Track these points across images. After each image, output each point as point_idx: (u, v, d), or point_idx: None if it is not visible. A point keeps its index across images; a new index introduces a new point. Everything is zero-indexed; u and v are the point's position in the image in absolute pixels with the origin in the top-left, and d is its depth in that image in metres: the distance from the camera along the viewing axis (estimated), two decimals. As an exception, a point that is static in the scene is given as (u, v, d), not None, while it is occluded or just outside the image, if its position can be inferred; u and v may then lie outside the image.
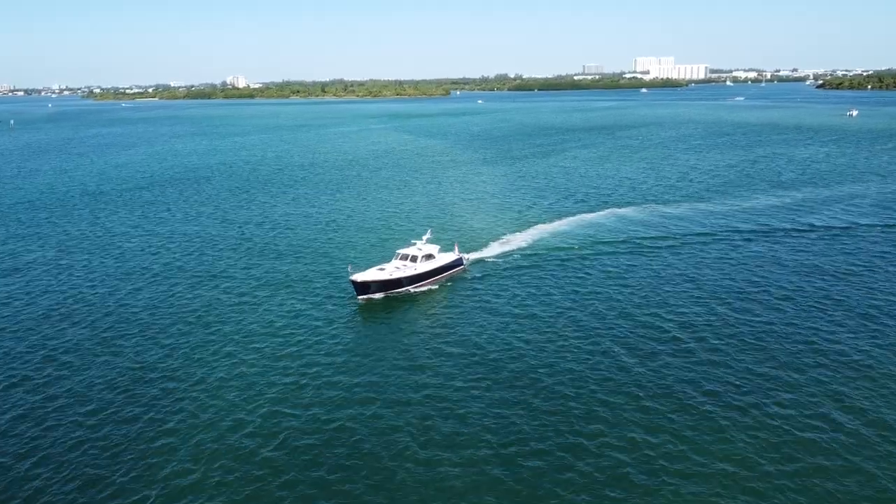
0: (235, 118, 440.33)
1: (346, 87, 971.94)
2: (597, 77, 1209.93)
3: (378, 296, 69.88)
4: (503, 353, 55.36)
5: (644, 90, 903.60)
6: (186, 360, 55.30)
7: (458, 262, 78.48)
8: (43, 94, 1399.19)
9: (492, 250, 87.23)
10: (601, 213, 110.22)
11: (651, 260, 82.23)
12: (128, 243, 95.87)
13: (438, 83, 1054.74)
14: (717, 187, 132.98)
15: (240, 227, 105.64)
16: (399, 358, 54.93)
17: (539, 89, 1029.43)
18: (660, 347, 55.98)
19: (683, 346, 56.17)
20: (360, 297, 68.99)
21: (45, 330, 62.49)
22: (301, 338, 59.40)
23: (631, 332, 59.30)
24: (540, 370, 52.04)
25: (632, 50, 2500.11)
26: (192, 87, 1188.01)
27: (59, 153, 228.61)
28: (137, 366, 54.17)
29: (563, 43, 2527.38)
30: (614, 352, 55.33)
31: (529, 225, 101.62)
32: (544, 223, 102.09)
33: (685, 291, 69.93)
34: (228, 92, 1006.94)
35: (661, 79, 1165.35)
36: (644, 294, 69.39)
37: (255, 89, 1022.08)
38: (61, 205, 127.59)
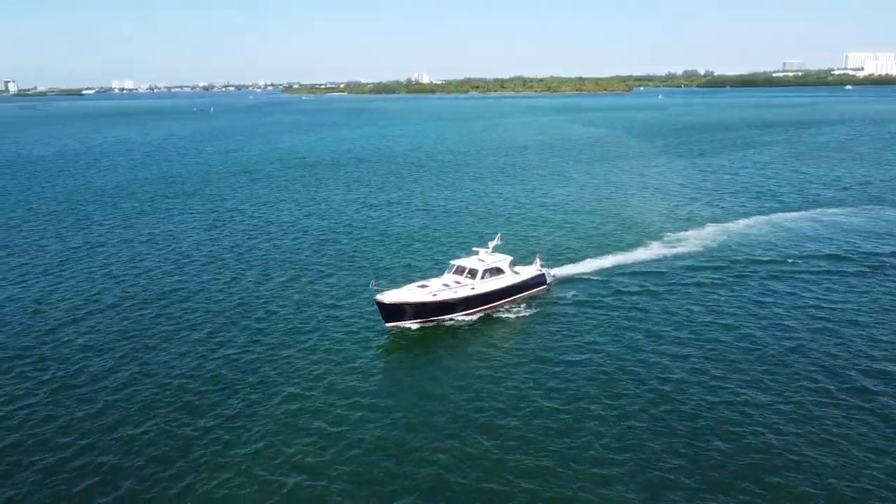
0: (409, 110, 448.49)
1: (524, 82, 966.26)
2: (799, 74, 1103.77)
3: (414, 324, 51.09)
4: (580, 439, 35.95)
5: (848, 87, 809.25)
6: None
7: (537, 280, 59.03)
8: (250, 89, 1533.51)
9: (607, 262, 68.10)
10: (762, 218, 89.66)
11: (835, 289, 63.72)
12: (246, 219, 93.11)
13: (621, 80, 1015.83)
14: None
15: (378, 209, 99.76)
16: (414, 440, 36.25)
17: (731, 86, 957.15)
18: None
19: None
20: (388, 324, 50.60)
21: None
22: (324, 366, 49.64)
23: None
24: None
25: (842, 45, 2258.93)
26: (380, 83, 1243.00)
27: (235, 136, 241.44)
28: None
29: (760, 38, 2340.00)
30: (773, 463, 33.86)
31: (681, 229, 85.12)
32: (698, 227, 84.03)
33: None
34: (411, 87, 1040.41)
35: (879, 75, 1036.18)
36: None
37: (436, 85, 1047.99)
38: (207, 181, 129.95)
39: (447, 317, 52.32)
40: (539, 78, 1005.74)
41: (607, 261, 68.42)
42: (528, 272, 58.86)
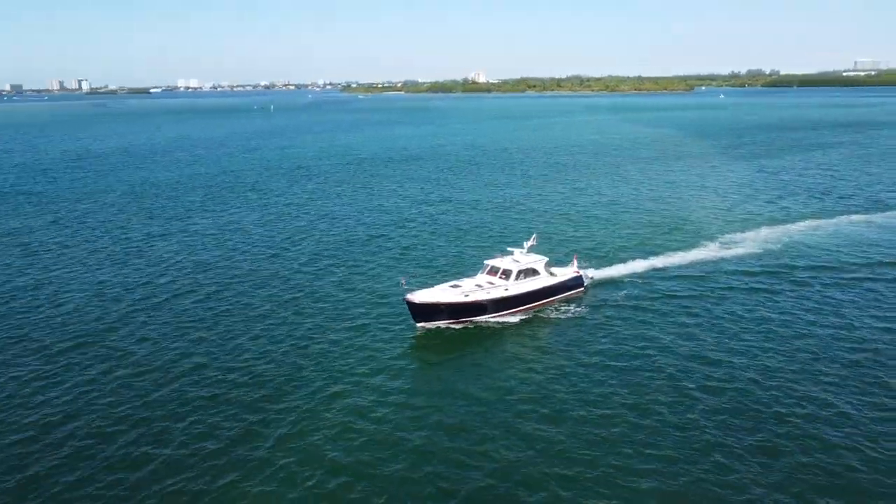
0: (464, 109, 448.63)
1: (581, 82, 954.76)
2: (872, 73, 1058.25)
3: (445, 324, 50.47)
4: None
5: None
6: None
7: (574, 282, 57.48)
8: (310, 87, 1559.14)
9: (656, 263, 66.50)
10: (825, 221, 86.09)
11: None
12: (293, 212, 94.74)
13: (681, 79, 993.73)
14: None
15: (429, 205, 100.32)
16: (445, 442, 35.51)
17: (798, 85, 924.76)
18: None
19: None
20: (418, 323, 50.18)
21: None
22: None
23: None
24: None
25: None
26: (436, 82, 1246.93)
27: (293, 134, 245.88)
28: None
29: (829, 36, 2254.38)
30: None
31: (737, 230, 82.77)
32: (755, 229, 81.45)
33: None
34: (468, 86, 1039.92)
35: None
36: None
37: (492, 84, 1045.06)
38: (263, 178, 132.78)
39: (479, 318, 51.21)
40: (597, 77, 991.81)
41: (656, 262, 66.90)
42: (564, 274, 57.40)
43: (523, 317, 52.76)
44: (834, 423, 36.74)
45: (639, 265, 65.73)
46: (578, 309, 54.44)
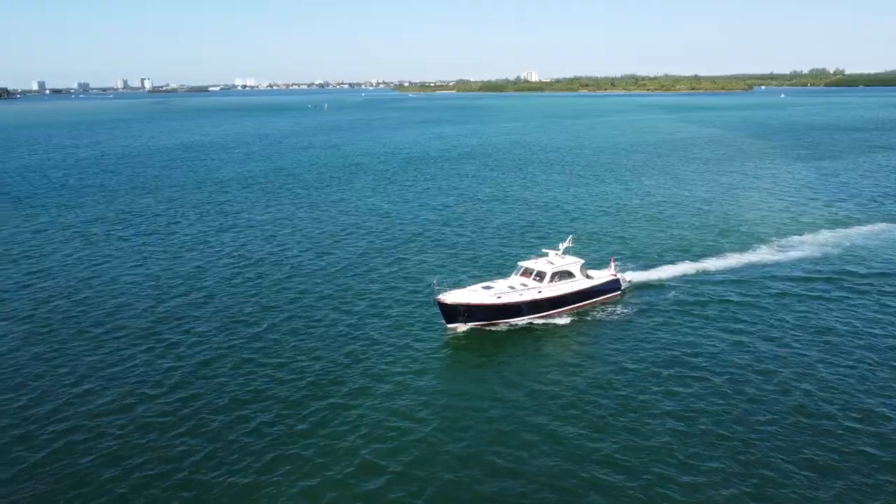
0: (514, 108, 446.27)
1: (636, 81, 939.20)
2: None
3: (476, 326, 49.50)
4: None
5: None
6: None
7: (610, 286, 56.00)
8: (363, 86, 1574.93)
9: (706, 265, 64.91)
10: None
11: None
12: (337, 214, 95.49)
13: (740, 78, 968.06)
14: None
15: (476, 203, 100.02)
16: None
17: (865, 85, 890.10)
18: None
19: None
20: (449, 325, 49.35)
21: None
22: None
23: None
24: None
25: None
26: (488, 81, 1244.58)
27: (344, 131, 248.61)
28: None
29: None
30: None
31: (793, 233, 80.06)
32: (812, 232, 78.82)
33: None
34: (520, 85, 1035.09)
35: None
36: None
37: (544, 83, 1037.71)
38: (314, 175, 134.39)
39: (511, 320, 50.32)
40: (652, 76, 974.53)
41: (705, 265, 65.22)
42: (601, 277, 56.02)
43: (557, 320, 51.52)
44: (893, 442, 35.03)
45: (686, 268, 64.15)
46: (615, 313, 53.08)
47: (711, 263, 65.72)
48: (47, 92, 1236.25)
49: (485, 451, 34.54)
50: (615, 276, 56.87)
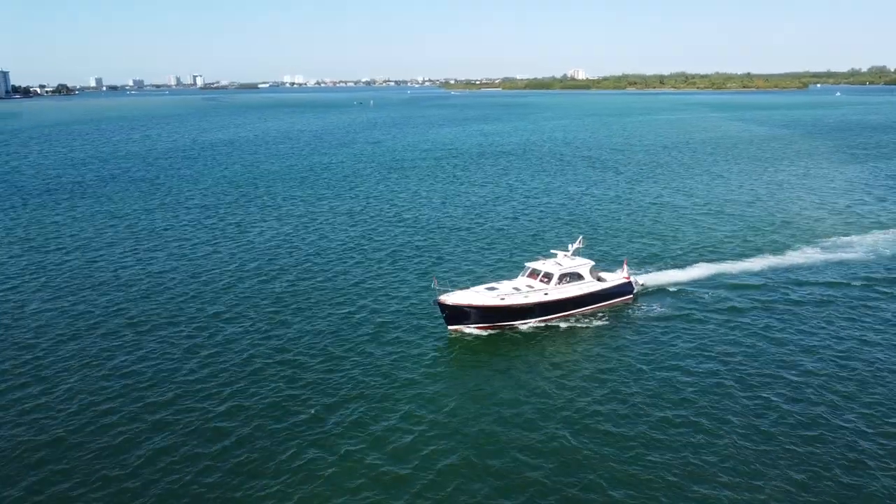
0: (559, 106, 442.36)
1: (686, 79, 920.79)
2: None
3: (478, 329, 47.66)
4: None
5: None
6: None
7: (621, 289, 53.58)
8: (409, 84, 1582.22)
9: (751, 266, 62.79)
10: None
11: None
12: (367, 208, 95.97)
13: (795, 76, 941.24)
14: None
15: (512, 201, 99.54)
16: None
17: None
18: None
19: None
20: (450, 327, 47.61)
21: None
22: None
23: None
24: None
25: None
26: (534, 78, 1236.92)
27: (388, 128, 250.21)
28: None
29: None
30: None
31: (841, 233, 77.54)
32: (862, 233, 76.43)
33: None
34: (566, 83, 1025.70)
35: None
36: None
37: (591, 80, 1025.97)
38: (353, 171, 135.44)
39: (516, 323, 48.48)
40: (702, 74, 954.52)
41: (745, 266, 63.16)
42: (613, 279, 53.72)
43: (563, 324, 49.31)
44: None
45: (713, 270, 61.50)
46: (624, 318, 50.55)
47: (756, 263, 63.84)
48: (104, 89, 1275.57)
49: (480, 459, 32.81)
50: (628, 278, 54.61)
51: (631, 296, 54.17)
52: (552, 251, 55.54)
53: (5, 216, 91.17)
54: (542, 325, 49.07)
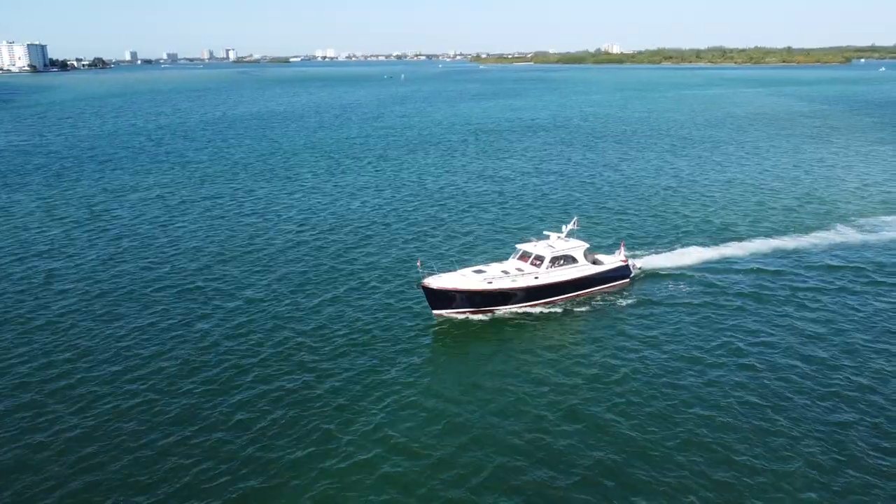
0: (591, 81, 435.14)
1: (723, 53, 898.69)
2: None
3: (463, 315, 46.04)
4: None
5: None
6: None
7: (618, 272, 51.58)
8: (440, 58, 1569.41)
9: (783, 244, 60.97)
10: None
11: None
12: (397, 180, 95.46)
13: (837, 50, 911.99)
14: None
15: (538, 176, 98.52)
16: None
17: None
18: None
19: None
20: (435, 311, 46.23)
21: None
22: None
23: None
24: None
25: None
26: (567, 53, 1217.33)
27: (418, 102, 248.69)
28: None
29: None
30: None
31: (880, 213, 74.90)
32: (891, 214, 73.80)
33: None
34: (599, 57, 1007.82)
35: None
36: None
37: (625, 55, 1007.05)
38: (381, 144, 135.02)
39: (503, 308, 46.87)
40: (740, 48, 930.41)
41: (768, 246, 61.23)
42: (609, 262, 51.86)
43: (555, 309, 47.51)
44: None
45: (734, 251, 59.60)
46: (618, 303, 48.68)
47: (783, 242, 62.16)
48: (139, 62, 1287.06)
49: (449, 455, 31.27)
50: (625, 261, 52.64)
51: (627, 280, 52.29)
52: (545, 232, 53.23)
53: (41, 188, 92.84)
54: (532, 309, 47.24)
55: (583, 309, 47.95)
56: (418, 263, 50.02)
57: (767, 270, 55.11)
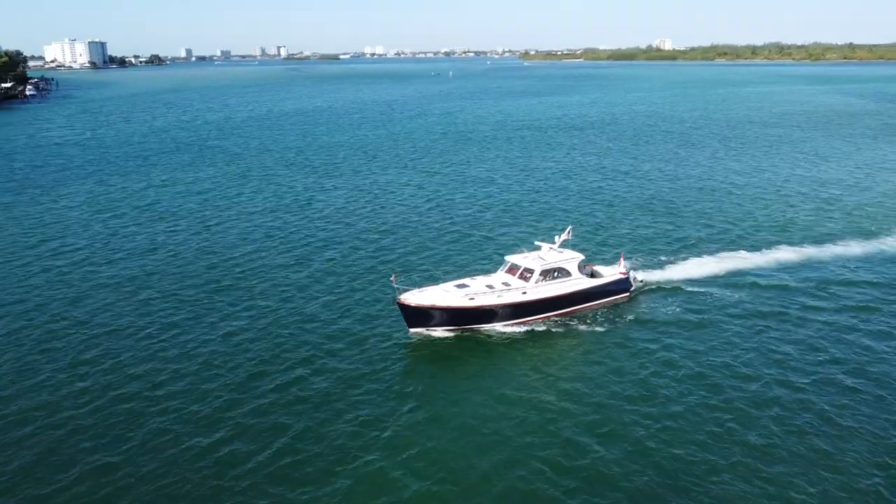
0: (642, 77, 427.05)
1: (780, 49, 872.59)
2: None
3: (443, 332, 42.24)
4: None
5: None
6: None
7: (616, 286, 47.50)
8: (488, 55, 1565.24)
9: (820, 254, 56.69)
10: None
11: None
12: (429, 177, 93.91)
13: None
14: None
15: (582, 175, 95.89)
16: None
17: None
18: None
19: None
20: (411, 329, 42.38)
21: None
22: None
23: None
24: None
25: None
26: (617, 49, 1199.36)
27: (463, 99, 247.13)
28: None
29: None
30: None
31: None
32: None
33: None
34: (651, 54, 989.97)
35: None
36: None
37: (677, 51, 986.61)
38: (423, 141, 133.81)
39: (487, 326, 42.97)
40: (798, 44, 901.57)
41: (810, 253, 57.33)
42: (608, 274, 47.86)
43: (544, 327, 43.41)
44: None
45: (757, 261, 55.02)
46: (614, 320, 44.56)
47: (821, 251, 58.05)
48: (193, 59, 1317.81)
49: (432, 486, 28.65)
50: (624, 273, 48.42)
51: (627, 294, 48.13)
52: (536, 242, 48.53)
53: (90, 183, 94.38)
54: (516, 329, 43.07)
55: (575, 327, 43.86)
56: (392, 278, 44.03)
57: (791, 286, 50.21)
